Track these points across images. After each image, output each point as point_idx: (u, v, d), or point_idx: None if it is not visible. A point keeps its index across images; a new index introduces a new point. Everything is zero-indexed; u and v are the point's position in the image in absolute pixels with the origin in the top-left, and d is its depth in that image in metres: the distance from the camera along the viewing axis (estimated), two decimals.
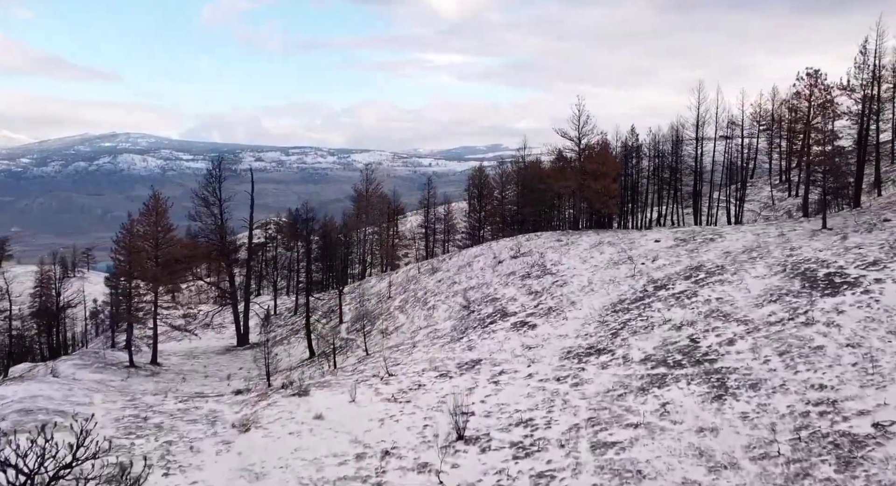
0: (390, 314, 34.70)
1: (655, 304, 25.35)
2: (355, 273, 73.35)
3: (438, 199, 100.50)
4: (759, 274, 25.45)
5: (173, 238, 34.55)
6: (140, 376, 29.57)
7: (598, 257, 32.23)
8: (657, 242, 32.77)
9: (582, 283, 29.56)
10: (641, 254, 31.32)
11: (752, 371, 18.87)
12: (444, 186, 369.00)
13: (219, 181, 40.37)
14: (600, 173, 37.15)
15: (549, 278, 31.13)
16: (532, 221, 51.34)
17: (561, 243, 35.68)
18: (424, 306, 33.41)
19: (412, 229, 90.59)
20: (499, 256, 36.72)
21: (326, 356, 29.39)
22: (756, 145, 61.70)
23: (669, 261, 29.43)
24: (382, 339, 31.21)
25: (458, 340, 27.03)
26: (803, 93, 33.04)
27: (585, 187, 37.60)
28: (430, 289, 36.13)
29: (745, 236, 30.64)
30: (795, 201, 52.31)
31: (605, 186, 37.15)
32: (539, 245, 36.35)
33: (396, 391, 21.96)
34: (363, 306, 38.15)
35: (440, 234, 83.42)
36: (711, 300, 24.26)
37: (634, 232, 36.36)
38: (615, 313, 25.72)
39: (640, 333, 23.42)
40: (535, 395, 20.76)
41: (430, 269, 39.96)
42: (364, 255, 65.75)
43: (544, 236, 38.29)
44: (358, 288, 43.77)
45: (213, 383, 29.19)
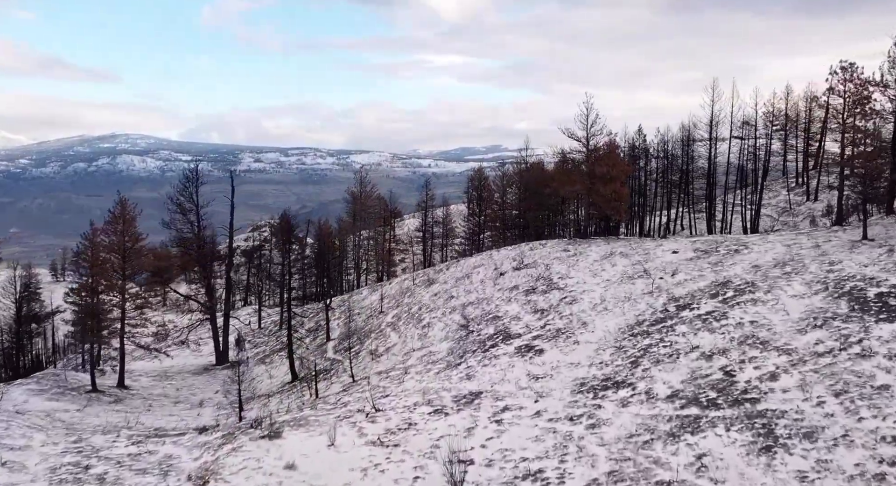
0: (381, 332, 31.65)
1: (679, 327, 22.32)
2: (350, 279, 70.37)
3: (437, 201, 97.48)
4: (796, 293, 22.42)
5: (143, 249, 31.60)
6: (101, 403, 26.56)
7: (610, 270, 29.20)
8: (675, 253, 29.74)
9: (593, 300, 26.52)
10: (658, 267, 28.28)
11: (805, 416, 15.85)
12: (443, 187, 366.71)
13: (195, 186, 37.29)
14: (610, 177, 34.13)
15: (557, 293, 28.10)
16: (535, 226, 48.32)
17: (568, 253, 32.65)
18: (419, 324, 30.36)
19: (409, 233, 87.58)
20: (500, 267, 33.68)
21: (309, 382, 26.35)
22: (768, 147, 58.69)
23: (691, 276, 26.40)
24: (372, 361, 28.17)
25: (456, 366, 23.99)
26: (837, 88, 30.09)
27: (594, 192, 34.58)
28: (425, 303, 33.09)
29: (774, 248, 27.61)
30: (814, 206, 49.33)
31: (615, 190, 34.14)
32: (544, 255, 33.31)
33: (383, 432, 18.92)
34: (353, 321, 35.11)
35: (438, 238, 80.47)
36: (744, 324, 21.23)
37: (648, 241, 33.34)
38: (633, 338, 22.69)
39: (663, 362, 20.38)
40: (545, 438, 17.73)
41: (426, 280, 36.92)
42: (359, 261, 62.72)
43: (549, 245, 35.26)
44: (348, 300, 40.71)
45: (182, 412, 26.16)
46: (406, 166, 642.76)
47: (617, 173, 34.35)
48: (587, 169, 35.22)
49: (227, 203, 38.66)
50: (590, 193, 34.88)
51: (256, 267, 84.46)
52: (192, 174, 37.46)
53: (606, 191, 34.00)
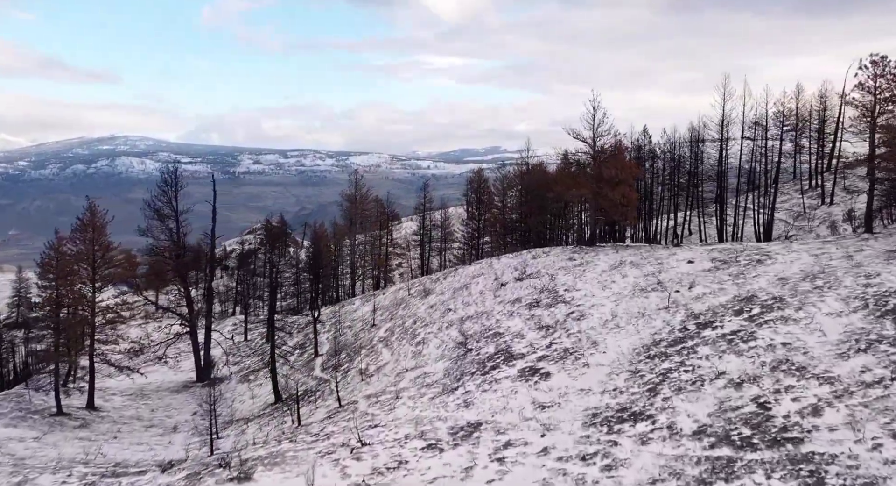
0: (373, 348, 29.32)
1: (701, 348, 20.01)
2: (345, 284, 68.07)
3: (436, 203, 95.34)
4: (832, 310, 20.12)
5: (113, 258, 29.28)
6: (65, 429, 24.27)
7: (620, 282, 26.89)
8: (691, 263, 27.43)
9: (604, 316, 24.21)
10: (674, 279, 25.98)
11: (860, 462, 13.56)
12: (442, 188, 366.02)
13: (175, 190, 34.97)
14: (618, 180, 31.86)
15: (563, 307, 25.78)
16: (537, 232, 46.04)
17: (574, 262, 30.35)
18: (413, 340, 28.03)
19: (407, 237, 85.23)
20: (501, 277, 31.37)
21: (292, 405, 24.03)
22: (780, 147, 56.46)
23: (711, 289, 24.10)
24: (361, 382, 25.84)
25: (453, 390, 21.67)
26: (866, 84, 27.84)
27: (601, 196, 32.30)
28: (420, 317, 30.78)
29: (800, 258, 25.32)
30: (831, 210, 47.08)
31: (625, 194, 31.87)
32: (548, 265, 31.02)
33: (369, 472, 16.61)
34: (343, 334, 32.81)
35: (436, 242, 78.24)
36: (776, 346, 18.92)
37: (660, 249, 31.04)
38: (650, 360, 20.37)
39: (686, 390, 18.07)
40: (554, 482, 15.42)
41: (422, 290, 34.63)
42: (355, 267, 60.41)
43: (553, 254, 32.96)
44: (339, 311, 38.37)
45: (153, 440, 23.84)
46: (405, 168, 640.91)
47: (626, 176, 32.09)
48: (594, 172, 32.93)
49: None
50: (597, 198, 32.59)
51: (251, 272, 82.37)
52: (171, 178, 35.14)
53: (615, 195, 31.73)
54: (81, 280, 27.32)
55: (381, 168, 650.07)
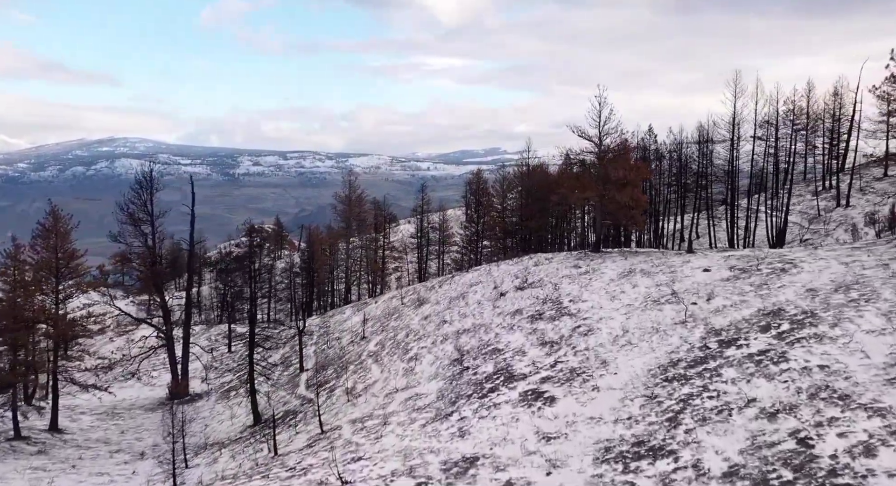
0: (362, 364, 27.09)
1: (726, 371, 17.77)
2: (340, 289, 65.85)
3: (435, 205, 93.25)
4: (873, 327, 17.89)
5: (79, 267, 27.11)
6: (20, 456, 22.07)
7: (630, 293, 24.66)
8: (707, 271, 25.20)
9: (613, 331, 21.98)
10: (689, 289, 23.75)
11: None
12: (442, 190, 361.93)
13: (150, 193, 32.76)
14: (626, 181, 29.65)
15: (568, 321, 23.56)
16: (538, 236, 43.84)
17: (579, 270, 28.12)
18: (405, 356, 25.80)
19: (404, 240, 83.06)
20: (500, 286, 29.15)
21: (272, 428, 21.78)
22: (793, 147, 54.26)
23: (731, 301, 21.87)
24: (347, 403, 23.60)
25: (447, 416, 19.44)
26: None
27: (608, 199, 30.08)
28: (413, 329, 28.54)
29: (829, 266, 23.09)
30: (847, 212, 44.83)
31: (633, 196, 29.64)
32: (551, 272, 28.78)
33: None
34: (331, 347, 30.59)
35: (434, 245, 76.15)
36: (812, 369, 16.69)
37: (672, 256, 28.80)
38: (668, 383, 18.14)
39: (711, 420, 15.84)
40: None
41: (416, 300, 32.41)
42: (349, 272, 58.21)
43: (557, 260, 30.72)
44: (330, 320, 36.14)
45: (115, 469, 21.62)
46: (405, 169, 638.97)
47: (634, 177, 29.86)
48: (599, 173, 30.69)
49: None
50: (603, 201, 30.36)
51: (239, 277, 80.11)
52: (146, 180, 32.91)
53: (623, 197, 29.50)
54: (43, 292, 25.18)
55: (380, 170, 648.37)
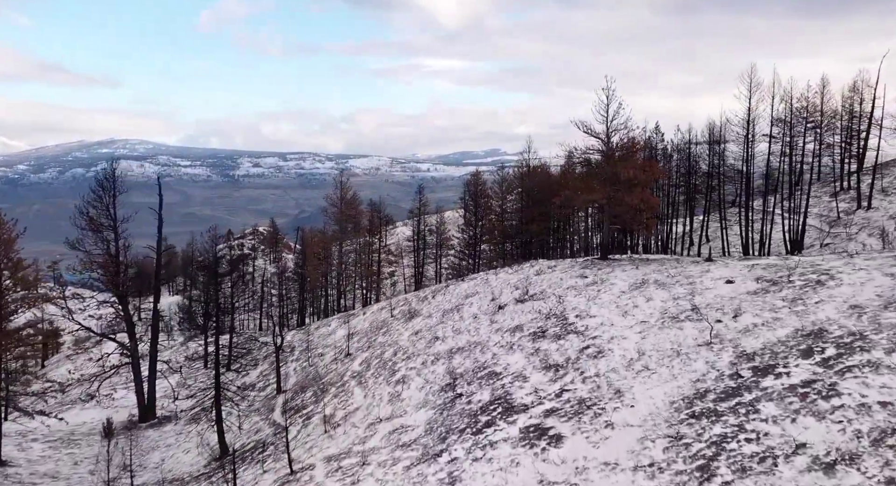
0: (344, 386, 24.33)
1: (765, 406, 15.01)
2: (332, 295, 63.13)
3: (434, 206, 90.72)
4: None
5: (27, 278, 24.45)
6: None
7: (645, 307, 21.92)
8: (730, 283, 22.46)
9: (627, 353, 19.24)
10: (712, 304, 21.01)
11: None
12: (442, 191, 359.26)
13: (112, 196, 30.09)
14: (637, 182, 26.92)
15: (575, 340, 20.82)
16: (540, 240, 41.11)
17: (586, 280, 25.37)
18: (391, 378, 23.06)
19: (401, 244, 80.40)
20: (499, 298, 26.40)
21: (238, 463, 19.06)
22: (814, 146, 51.50)
23: (763, 319, 19.11)
24: (324, 434, 20.84)
25: (435, 456, 16.69)
26: None
27: (616, 201, 27.33)
28: (402, 346, 25.81)
29: (871, 278, 20.32)
30: (870, 215, 42.10)
31: (644, 198, 26.90)
32: (555, 283, 26.04)
33: None
34: (313, 364, 27.87)
35: (432, 248, 73.60)
36: (871, 406, 13.93)
37: (689, 264, 26.04)
38: (695, 420, 15.38)
39: (753, 471, 13.07)
40: None
41: (407, 312, 29.67)
42: (341, 280, 55.47)
43: (560, 269, 27.99)
44: (315, 333, 33.41)
45: None
46: (405, 171, 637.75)
47: (645, 178, 27.12)
48: (607, 173, 27.93)
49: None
50: (612, 203, 27.60)
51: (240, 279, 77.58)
52: (107, 180, 30.21)
53: (632, 199, 26.76)
54: None
55: (380, 171, 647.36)
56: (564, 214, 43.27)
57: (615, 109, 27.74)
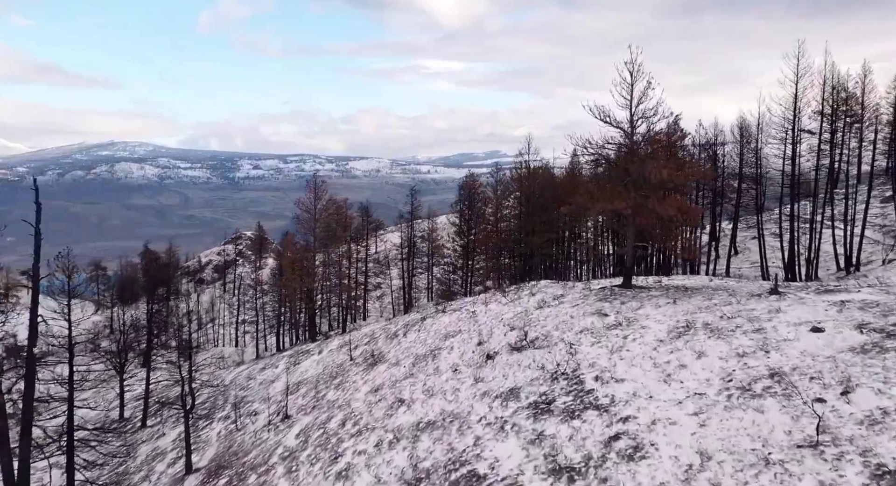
0: (267, 473, 17.51)
1: None
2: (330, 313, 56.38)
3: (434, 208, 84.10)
4: None
5: None
6: None
7: (695, 368, 15.11)
8: (818, 331, 15.63)
9: (682, 454, 12.40)
10: (799, 366, 14.20)
11: None
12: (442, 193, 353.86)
13: None
14: (672, 186, 20.11)
15: (597, 421, 14.05)
16: (542, 256, 34.35)
17: (606, 319, 18.56)
18: (331, 467, 16.21)
19: (387, 252, 73.69)
20: (488, 340, 19.60)
21: None
22: (850, 142, 44.70)
23: (892, 398, 12.27)
24: None
25: None
26: None
27: (645, 211, 20.52)
28: (354, 410, 19.02)
29: None
30: None
31: (682, 207, 20.09)
32: (563, 321, 19.24)
33: None
34: (242, 427, 21.13)
35: (423, 256, 66.98)
36: None
37: (745, 296, 19.13)
38: None
39: None
40: None
41: (370, 355, 22.87)
42: (312, 297, 48.73)
43: (571, 299, 21.19)
44: (259, 375, 26.57)
45: None
46: (405, 172, 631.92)
47: (682, 180, 20.31)
48: (632, 173, 21.08)
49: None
50: (640, 212, 20.76)
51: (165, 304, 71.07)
52: None
53: (667, 209, 19.94)
54: None
55: (380, 173, 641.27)
56: (571, 223, 36.47)
57: (641, 90, 20.96)
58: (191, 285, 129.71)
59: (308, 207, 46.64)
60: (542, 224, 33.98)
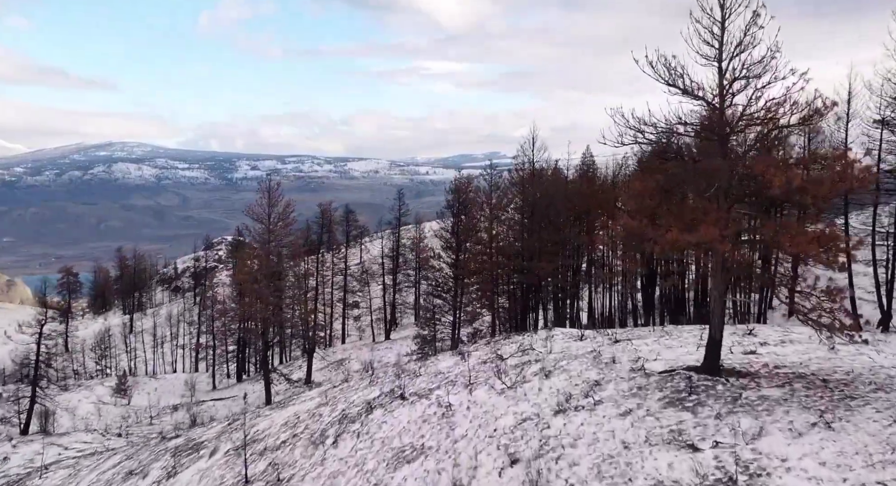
0: None
1: None
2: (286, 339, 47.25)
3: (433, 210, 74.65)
4: None
5: None
6: None
7: None
8: None
9: None
10: None
11: None
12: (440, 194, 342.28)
13: None
14: (805, 198, 10.91)
15: None
16: (555, 289, 25.24)
17: (701, 462, 9.39)
18: None
19: (368, 264, 64.51)
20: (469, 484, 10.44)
21: None
22: None
23: None
24: None
25: None
26: None
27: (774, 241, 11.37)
28: None
29: None
30: None
31: (822, 237, 10.94)
32: (608, 456, 10.09)
33: None
34: None
35: (410, 269, 57.99)
36: None
37: None
38: None
39: None
40: None
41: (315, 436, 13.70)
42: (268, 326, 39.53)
43: (614, 395, 11.98)
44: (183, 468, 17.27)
45: None
46: (404, 173, 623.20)
47: (828, 190, 11.06)
48: (721, 177, 11.90)
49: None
50: (738, 248, 11.58)
51: None
52: None
53: (801, 243, 10.73)
54: None
55: (379, 174, 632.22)
56: (591, 245, 27.21)
57: (742, 27, 11.86)
58: (166, 293, 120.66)
59: (260, 215, 37.37)
60: (552, 245, 25.02)
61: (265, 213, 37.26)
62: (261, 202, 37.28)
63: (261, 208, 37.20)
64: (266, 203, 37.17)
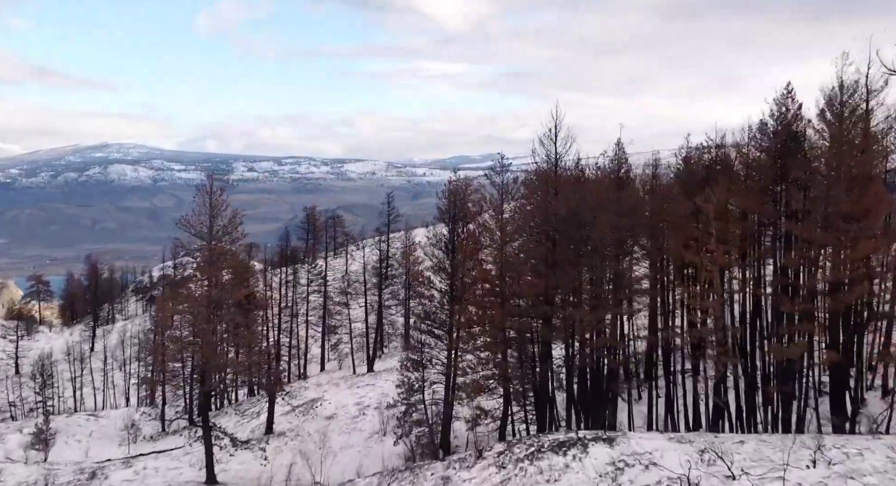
0: None
1: None
2: None
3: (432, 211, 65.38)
4: None
5: None
6: None
7: None
8: None
9: None
10: None
11: None
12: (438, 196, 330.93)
13: None
14: None
15: None
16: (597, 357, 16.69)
17: None
18: None
19: (351, 278, 55.74)
20: None
21: None
22: None
23: None
24: None
25: None
26: None
27: None
28: None
29: None
30: None
31: None
32: None
33: None
34: None
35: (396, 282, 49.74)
36: None
37: None
38: None
39: None
40: None
41: None
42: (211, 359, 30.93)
43: None
44: None
45: None
46: (401, 175, 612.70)
47: None
48: None
49: None
50: None
51: None
52: None
53: None
54: None
55: (376, 175, 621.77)
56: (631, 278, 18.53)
57: None
58: (140, 304, 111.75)
59: (198, 227, 28.63)
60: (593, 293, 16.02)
61: (205, 224, 28.54)
62: (202, 208, 28.48)
63: (198, 221, 28.47)
64: (208, 213, 28.43)
